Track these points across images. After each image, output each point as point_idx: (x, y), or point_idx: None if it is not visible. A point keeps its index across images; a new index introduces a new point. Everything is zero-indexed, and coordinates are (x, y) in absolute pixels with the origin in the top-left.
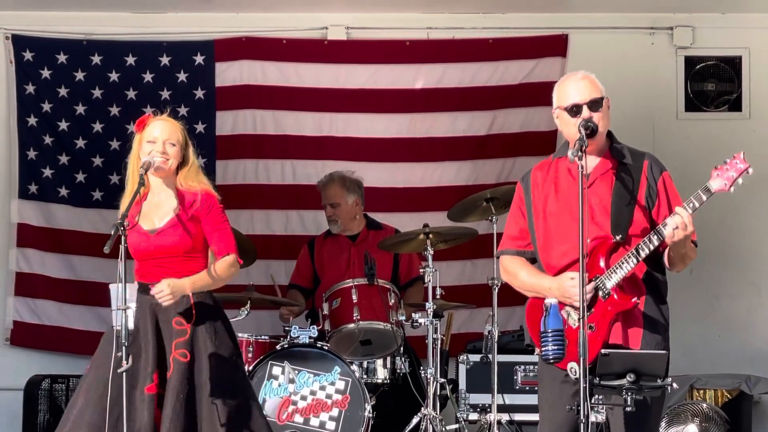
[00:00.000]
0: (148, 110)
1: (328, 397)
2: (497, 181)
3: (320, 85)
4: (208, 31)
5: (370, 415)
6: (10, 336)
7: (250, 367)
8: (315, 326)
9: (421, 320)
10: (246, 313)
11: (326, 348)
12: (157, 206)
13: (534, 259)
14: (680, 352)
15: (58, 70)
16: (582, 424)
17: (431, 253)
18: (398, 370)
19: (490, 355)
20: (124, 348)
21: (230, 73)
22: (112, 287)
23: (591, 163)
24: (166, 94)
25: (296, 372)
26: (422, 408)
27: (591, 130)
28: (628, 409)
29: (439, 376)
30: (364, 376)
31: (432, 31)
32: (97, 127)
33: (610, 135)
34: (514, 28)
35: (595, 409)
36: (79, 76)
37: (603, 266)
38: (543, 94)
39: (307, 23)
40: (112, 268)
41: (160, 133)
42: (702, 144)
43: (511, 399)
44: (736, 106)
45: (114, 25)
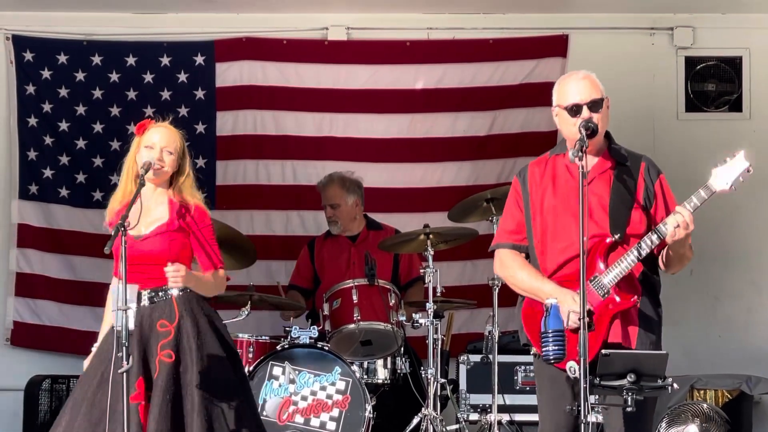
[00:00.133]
0: (149, 111)
1: (329, 397)
2: (497, 182)
3: (320, 86)
4: (208, 32)
5: (371, 416)
6: (10, 336)
7: (251, 368)
8: (315, 327)
9: (422, 320)
10: (246, 313)
11: (327, 348)
12: (146, 212)
13: (529, 254)
14: (681, 353)
15: (58, 71)
16: (582, 424)
17: (431, 253)
18: (399, 371)
19: (491, 356)
20: (124, 348)
21: (231, 74)
22: (112, 288)
23: (589, 162)
24: (166, 95)
25: (297, 372)
26: (423, 408)
27: (591, 130)
28: (629, 409)
29: (439, 377)
30: (365, 377)
31: (432, 32)
32: (98, 127)
33: (607, 135)
34: (515, 28)
35: (595, 409)
36: (80, 76)
37: (602, 266)
38: (543, 95)
39: (308, 24)
40: (113, 269)
41: (158, 140)
42: (702, 144)
43: (511, 399)
44: (736, 106)
45: (114, 25)
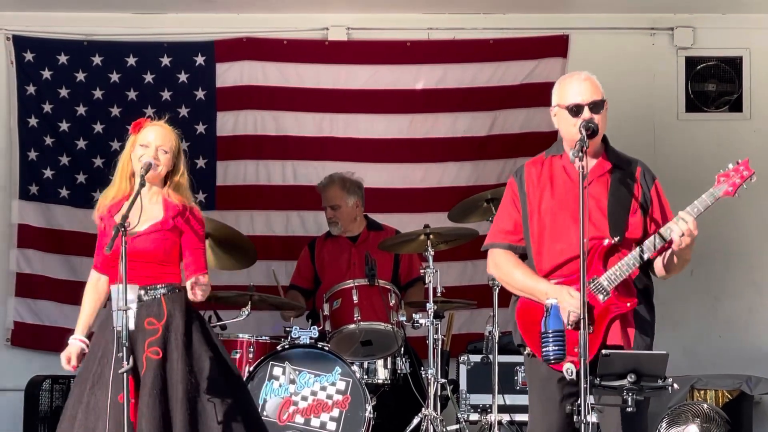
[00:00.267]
0: (149, 111)
1: (329, 397)
2: (498, 182)
3: (321, 86)
4: (208, 32)
5: (371, 416)
6: (10, 337)
7: (251, 368)
8: (316, 327)
9: (422, 321)
10: (247, 313)
11: (327, 348)
12: (141, 210)
13: (524, 255)
14: (681, 353)
15: (58, 71)
16: (583, 424)
17: (432, 253)
18: (399, 371)
19: (491, 356)
20: (124, 348)
21: (231, 74)
22: (113, 288)
23: (588, 164)
24: (166, 95)
25: (297, 372)
26: (423, 408)
27: (592, 131)
28: (629, 409)
29: (439, 377)
30: (365, 377)
31: (433, 32)
32: (98, 127)
33: (604, 139)
34: (515, 28)
35: (596, 409)
36: (80, 76)
37: (602, 268)
38: (544, 95)
39: (308, 24)
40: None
41: (154, 138)
42: (703, 144)
43: (511, 399)
44: (736, 106)
45: (115, 25)
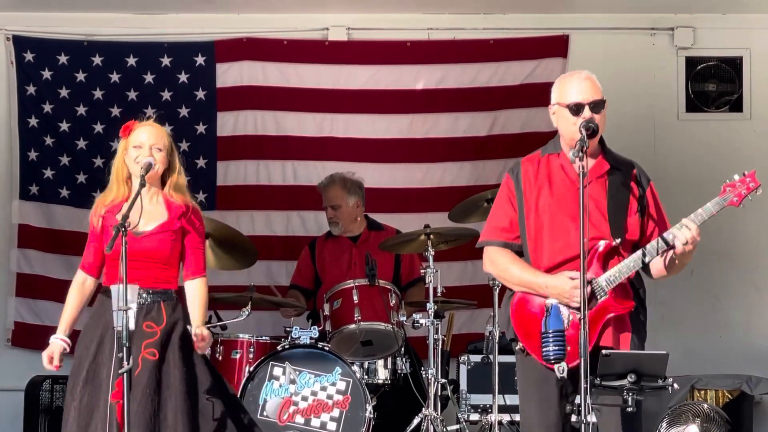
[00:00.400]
0: (149, 111)
1: (329, 397)
2: (498, 182)
3: (321, 86)
4: (208, 32)
5: (371, 416)
6: (11, 337)
7: (251, 368)
8: (316, 327)
9: (422, 321)
10: (247, 313)
11: (327, 348)
12: (143, 211)
13: (520, 253)
14: (681, 353)
15: (58, 71)
16: (583, 424)
17: (432, 253)
18: (399, 371)
19: (491, 356)
20: (125, 348)
21: (231, 74)
22: (113, 288)
23: (587, 164)
24: (167, 95)
25: (297, 372)
26: (423, 408)
27: (592, 130)
28: (629, 409)
29: (440, 377)
30: (365, 377)
31: (433, 32)
32: (98, 127)
33: (601, 140)
34: (515, 28)
35: (594, 409)
36: (80, 76)
37: (600, 268)
38: (544, 95)
39: (308, 24)
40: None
41: (146, 138)
42: (703, 145)
43: (512, 399)
44: (737, 106)
45: (115, 26)
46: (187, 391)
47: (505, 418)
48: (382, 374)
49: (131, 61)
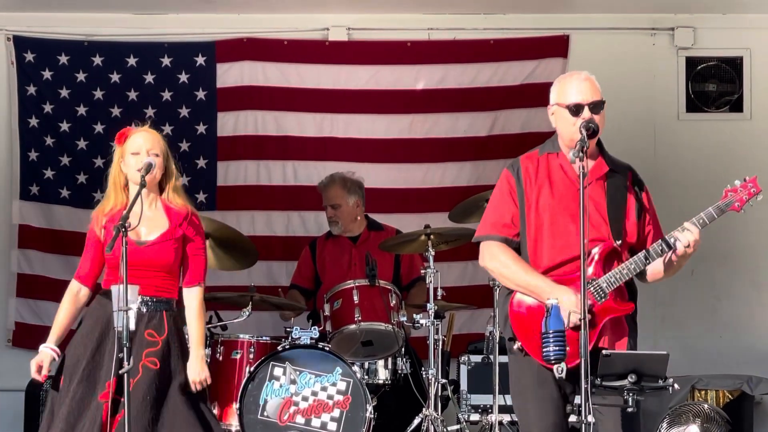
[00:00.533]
0: (150, 111)
1: (330, 397)
2: None
3: (321, 86)
4: (209, 32)
5: (372, 416)
6: (11, 337)
7: (252, 368)
8: (316, 327)
9: (423, 321)
10: (248, 314)
11: (327, 349)
12: (143, 218)
13: (518, 250)
14: (681, 353)
15: (59, 71)
16: (583, 425)
17: (432, 254)
18: (399, 371)
19: (492, 356)
20: (125, 349)
21: (231, 74)
22: (113, 288)
23: (587, 165)
24: (167, 95)
25: (298, 373)
26: (423, 409)
27: (592, 131)
28: (630, 410)
29: (440, 377)
30: (366, 377)
31: (433, 32)
32: (99, 128)
33: (599, 142)
34: (515, 28)
35: (596, 409)
36: (81, 77)
37: (600, 270)
38: (544, 95)
39: (309, 24)
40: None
41: (143, 143)
42: (703, 144)
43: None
44: (737, 106)
45: (115, 26)
46: (186, 401)
47: (506, 418)
48: (383, 374)
49: (131, 62)
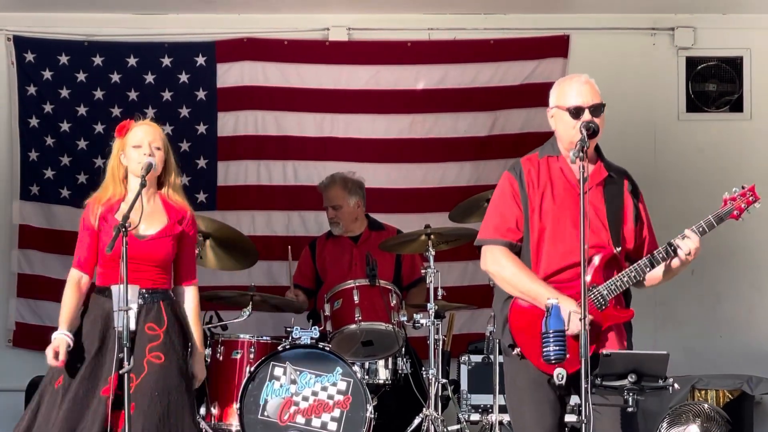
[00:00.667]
0: (150, 111)
1: (330, 397)
2: None
3: (321, 86)
4: (209, 32)
5: (372, 416)
6: (12, 337)
7: (252, 368)
8: (317, 327)
9: (423, 321)
10: (248, 314)
11: (328, 349)
12: (143, 212)
13: (518, 254)
14: (682, 353)
15: (59, 71)
16: (584, 425)
17: (433, 253)
18: (400, 371)
19: (492, 356)
20: (126, 349)
21: (232, 74)
22: (114, 288)
23: (587, 168)
24: (167, 95)
25: (298, 373)
26: (424, 408)
27: (593, 131)
28: (630, 409)
29: (440, 377)
30: (366, 377)
31: (433, 32)
32: (99, 128)
33: (597, 148)
34: (516, 29)
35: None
36: (81, 77)
37: (601, 277)
38: (544, 95)
39: (309, 24)
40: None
41: (144, 136)
42: (703, 145)
43: None
44: (737, 106)
45: (115, 26)
46: (186, 387)
47: (506, 418)
48: (383, 374)
49: (132, 62)
